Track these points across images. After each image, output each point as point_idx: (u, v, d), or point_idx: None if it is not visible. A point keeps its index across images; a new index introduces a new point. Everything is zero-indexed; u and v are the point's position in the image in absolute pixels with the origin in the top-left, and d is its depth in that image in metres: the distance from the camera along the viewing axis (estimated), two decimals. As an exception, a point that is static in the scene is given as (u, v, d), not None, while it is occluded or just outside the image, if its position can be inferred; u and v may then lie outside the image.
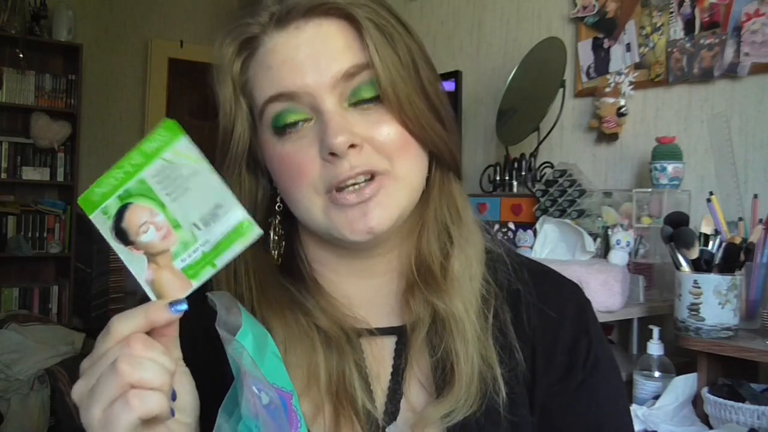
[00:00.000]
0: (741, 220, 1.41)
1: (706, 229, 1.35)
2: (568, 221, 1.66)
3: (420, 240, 0.65)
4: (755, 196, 1.50)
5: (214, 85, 0.63)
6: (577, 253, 1.58)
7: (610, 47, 2.04)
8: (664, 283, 1.65)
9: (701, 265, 1.32)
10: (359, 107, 0.59)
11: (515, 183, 2.12)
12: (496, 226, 1.82)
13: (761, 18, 1.67)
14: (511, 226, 1.80)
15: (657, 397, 1.33)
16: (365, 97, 0.58)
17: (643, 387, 1.37)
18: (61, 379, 2.77)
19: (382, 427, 0.61)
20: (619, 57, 2.01)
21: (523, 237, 1.68)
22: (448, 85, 2.27)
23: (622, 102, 1.96)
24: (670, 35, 1.87)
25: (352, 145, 0.57)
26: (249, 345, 0.47)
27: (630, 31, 1.98)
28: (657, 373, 1.36)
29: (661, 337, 1.38)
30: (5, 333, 2.88)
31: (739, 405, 1.21)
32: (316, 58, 0.58)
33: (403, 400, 0.62)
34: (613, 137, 2.02)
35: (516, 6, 2.38)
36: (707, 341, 1.30)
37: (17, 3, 3.79)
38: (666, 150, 1.70)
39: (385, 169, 0.59)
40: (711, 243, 1.33)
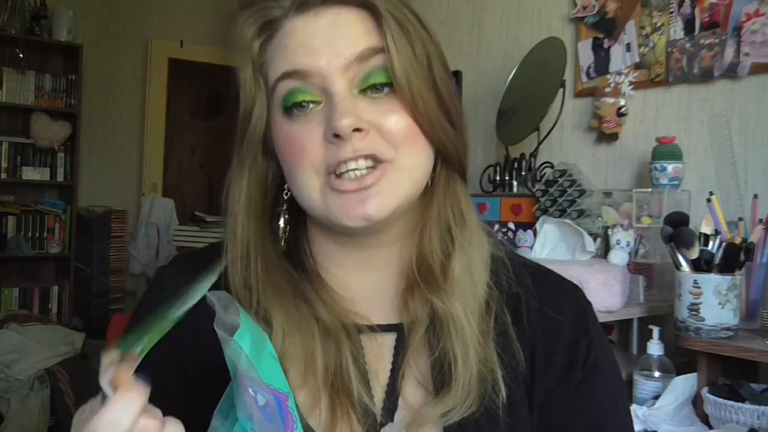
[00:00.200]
0: (741, 220, 1.41)
1: (706, 229, 1.35)
2: (568, 221, 1.66)
3: (422, 239, 0.65)
4: (755, 196, 1.50)
5: (236, 68, 0.64)
6: (577, 253, 1.58)
7: (610, 47, 2.04)
8: (664, 283, 1.65)
9: (701, 265, 1.32)
10: (369, 95, 0.59)
11: (515, 183, 2.12)
12: (496, 226, 1.82)
13: (761, 18, 1.67)
14: (511, 226, 1.80)
15: (657, 397, 1.33)
16: (377, 82, 0.59)
17: (643, 387, 1.37)
18: (61, 379, 2.76)
19: (380, 423, 0.61)
20: (619, 57, 2.01)
21: (523, 237, 1.68)
22: (448, 85, 2.27)
23: (622, 102, 1.97)
24: (670, 35, 1.87)
25: (358, 129, 0.57)
26: (246, 345, 0.47)
27: (630, 31, 1.98)
28: (657, 373, 1.36)
29: (661, 337, 1.38)
30: (5, 333, 2.88)
31: (739, 405, 1.21)
32: (331, 42, 0.58)
33: (401, 398, 0.62)
34: (613, 137, 2.02)
35: (516, 6, 2.38)
36: (707, 341, 1.30)
37: (17, 3, 3.79)
38: (666, 150, 1.70)
39: (390, 156, 0.59)
40: (711, 243, 1.33)
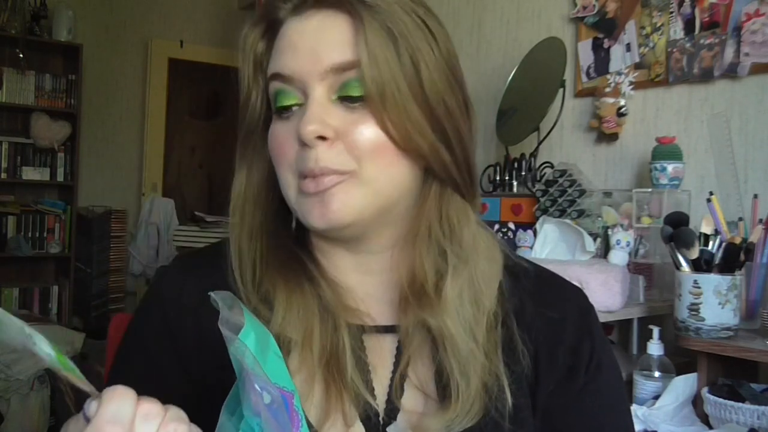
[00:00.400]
0: (741, 220, 1.41)
1: (706, 229, 1.34)
2: (568, 221, 1.66)
3: (413, 255, 0.63)
4: (755, 196, 1.50)
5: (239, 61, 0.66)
6: (577, 253, 1.58)
7: (610, 47, 2.04)
8: (664, 283, 1.65)
9: (701, 265, 1.32)
10: (345, 103, 0.59)
11: (515, 183, 2.12)
12: (496, 226, 1.82)
13: (761, 18, 1.67)
14: (511, 226, 1.80)
15: (657, 397, 1.33)
16: (352, 94, 0.58)
17: (643, 387, 1.37)
18: (61, 379, 2.76)
19: (382, 422, 0.61)
20: (619, 57, 2.01)
21: (523, 237, 1.68)
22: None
23: (622, 102, 1.96)
24: (670, 35, 1.87)
25: (323, 138, 0.57)
26: (251, 344, 0.47)
27: (630, 31, 1.98)
28: (657, 373, 1.36)
29: (661, 337, 1.38)
30: (5, 333, 2.87)
31: (739, 405, 1.21)
32: (314, 47, 0.59)
33: (402, 401, 0.62)
34: (613, 137, 2.02)
35: (516, 6, 2.38)
36: (707, 341, 1.30)
37: (17, 3, 3.79)
38: (666, 150, 1.70)
39: (351, 169, 0.58)
40: (711, 243, 1.33)
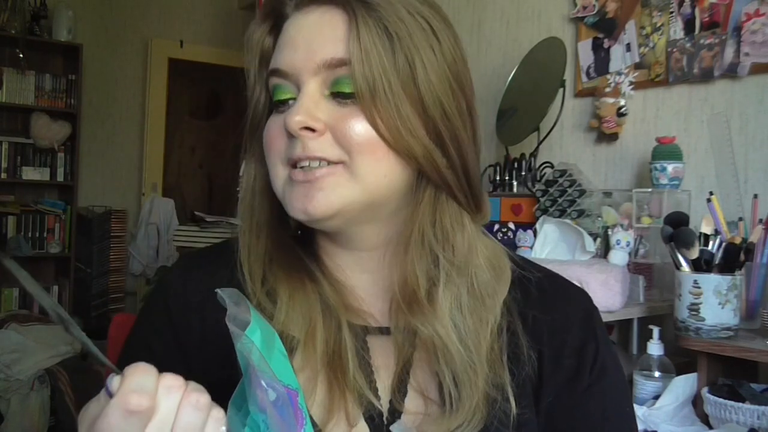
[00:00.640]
0: (741, 220, 1.41)
1: (706, 229, 1.35)
2: (568, 221, 1.66)
3: (405, 261, 0.63)
4: (755, 196, 1.50)
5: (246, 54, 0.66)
6: (577, 253, 1.58)
7: (610, 47, 2.04)
8: (664, 283, 1.65)
9: (701, 265, 1.32)
10: (337, 99, 0.59)
11: (515, 183, 2.12)
12: (496, 226, 1.82)
13: (761, 18, 1.67)
14: (511, 226, 1.80)
15: (657, 397, 1.33)
16: (344, 90, 0.58)
17: (643, 387, 1.37)
18: (61, 379, 2.76)
19: (386, 421, 0.61)
20: (619, 57, 2.01)
21: (523, 237, 1.68)
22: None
23: (622, 102, 1.96)
24: (670, 35, 1.87)
25: (310, 129, 0.58)
26: (257, 341, 0.47)
27: (630, 31, 1.98)
28: (657, 373, 1.36)
29: (661, 337, 1.38)
30: (5, 333, 2.87)
31: (739, 405, 1.21)
32: (309, 43, 0.59)
33: (404, 402, 0.62)
34: (613, 137, 2.02)
35: (516, 6, 2.38)
36: (707, 341, 1.30)
37: (17, 3, 3.79)
38: (666, 150, 1.70)
39: (340, 159, 0.58)
40: (711, 243, 1.33)
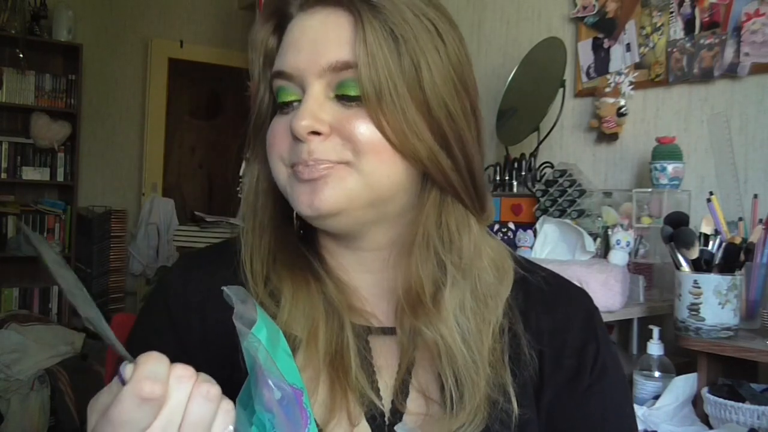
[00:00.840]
0: (741, 220, 1.41)
1: (706, 229, 1.35)
2: (568, 221, 1.66)
3: (410, 264, 0.62)
4: (755, 196, 1.50)
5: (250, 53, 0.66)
6: (577, 253, 1.58)
7: (610, 47, 2.04)
8: (664, 283, 1.65)
9: (701, 265, 1.32)
10: (342, 101, 0.59)
11: (515, 183, 2.12)
12: (496, 226, 1.82)
13: (761, 18, 1.67)
14: (511, 226, 1.79)
15: (657, 397, 1.33)
16: (349, 93, 0.58)
17: (643, 387, 1.37)
18: (61, 379, 2.77)
19: (388, 422, 0.61)
20: (619, 57, 2.01)
21: (523, 237, 1.68)
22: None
23: (622, 102, 1.96)
24: (670, 35, 1.87)
25: (316, 132, 0.58)
26: (264, 339, 0.47)
27: (630, 31, 1.98)
28: (657, 373, 1.36)
29: (661, 337, 1.38)
30: (5, 333, 2.87)
31: (739, 405, 1.21)
32: (314, 45, 0.59)
33: (407, 402, 0.62)
34: (613, 137, 2.02)
35: (516, 6, 2.38)
36: (707, 341, 1.30)
37: (17, 3, 3.79)
38: (666, 150, 1.70)
39: (347, 159, 0.58)
40: (711, 243, 1.33)
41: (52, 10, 3.97)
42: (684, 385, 1.31)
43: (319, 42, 0.59)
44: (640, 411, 1.29)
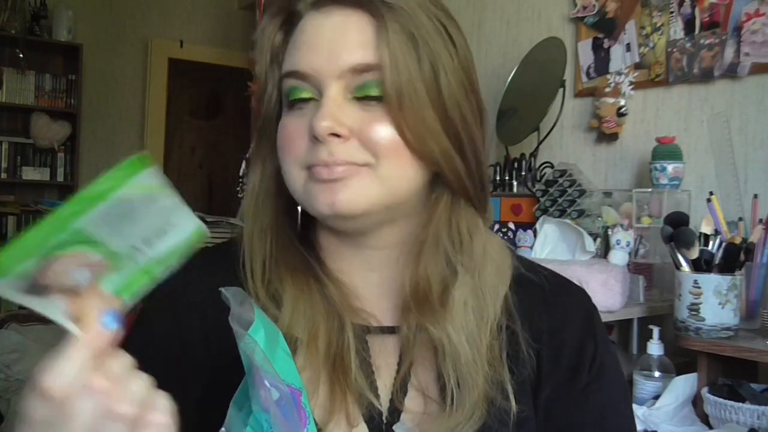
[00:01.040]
0: (741, 220, 1.41)
1: (706, 229, 1.35)
2: (568, 221, 1.66)
3: (418, 262, 0.63)
4: (755, 196, 1.50)
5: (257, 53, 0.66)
6: (577, 253, 1.58)
7: (610, 47, 2.04)
8: (664, 283, 1.65)
9: (701, 265, 1.32)
10: (362, 102, 0.59)
11: (515, 183, 2.12)
12: (496, 227, 1.82)
13: (761, 18, 1.67)
14: (511, 226, 1.80)
15: (657, 397, 1.33)
16: (370, 94, 0.58)
17: (643, 387, 1.37)
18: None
19: (386, 421, 0.61)
20: (619, 57, 2.01)
21: (523, 237, 1.68)
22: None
23: (622, 102, 1.96)
24: (670, 35, 1.87)
25: (337, 135, 0.57)
26: (261, 340, 0.47)
27: (630, 31, 1.98)
28: (657, 373, 1.36)
29: (661, 337, 1.38)
30: (5, 333, 2.87)
31: (739, 405, 1.21)
32: (333, 45, 0.58)
33: (405, 401, 0.62)
34: (613, 137, 2.02)
35: (516, 6, 2.38)
36: (707, 341, 1.30)
37: (17, 3, 3.79)
38: (666, 150, 1.70)
39: (366, 161, 0.58)
40: (711, 243, 1.33)
41: (52, 10, 3.97)
42: (684, 385, 1.31)
43: (338, 43, 0.58)
44: (640, 411, 1.29)
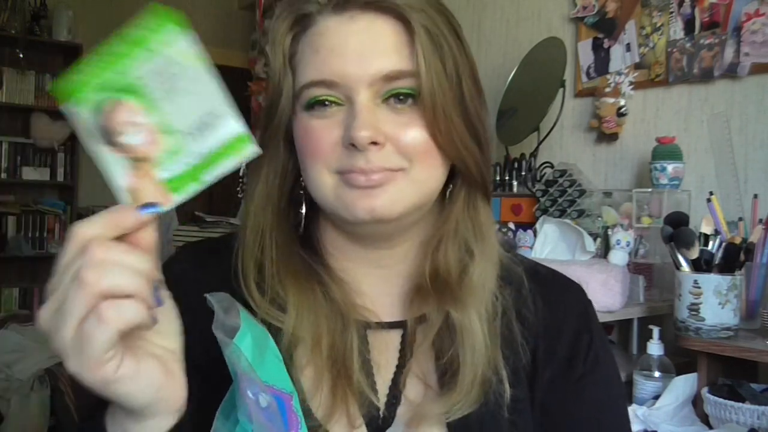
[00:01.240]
0: (741, 220, 1.41)
1: (706, 229, 1.35)
2: (568, 221, 1.66)
3: (437, 251, 0.65)
4: (755, 196, 1.50)
5: (268, 55, 0.66)
6: (577, 253, 1.58)
7: (610, 47, 2.04)
8: (664, 283, 1.65)
9: (701, 265, 1.32)
10: (392, 104, 0.59)
11: (515, 183, 2.12)
12: (497, 227, 1.82)
13: (761, 18, 1.67)
14: (511, 226, 1.79)
15: (657, 397, 1.33)
16: (402, 93, 0.59)
17: (643, 387, 1.37)
18: (61, 379, 2.76)
19: (382, 417, 0.62)
20: (619, 57, 2.01)
21: (523, 237, 1.68)
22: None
23: (622, 102, 1.96)
24: (670, 35, 1.87)
25: (375, 143, 0.58)
26: (248, 347, 0.47)
27: (630, 31, 1.98)
28: (657, 373, 1.36)
29: (661, 337, 1.38)
30: (5, 333, 2.88)
31: (739, 405, 1.21)
32: (362, 52, 0.58)
33: (403, 394, 0.63)
34: (613, 137, 2.02)
35: (516, 6, 2.38)
36: (707, 341, 1.30)
37: (17, 3, 3.79)
38: (666, 150, 1.70)
39: (401, 166, 0.59)
40: (711, 243, 1.33)
41: (52, 10, 3.97)
42: (684, 385, 1.31)
43: (367, 50, 0.58)
44: (640, 411, 1.29)
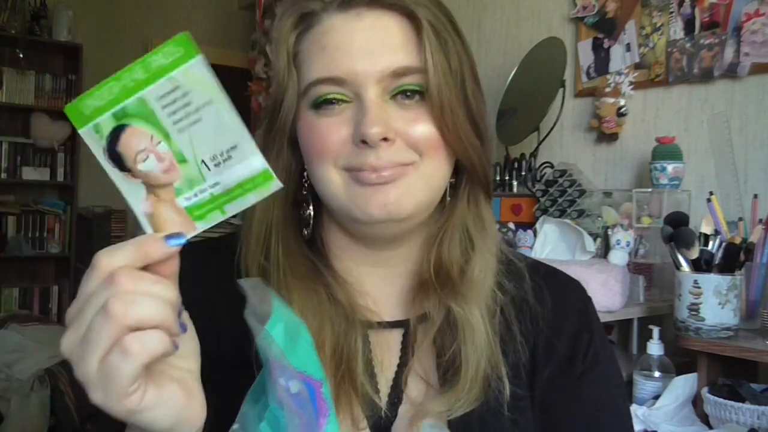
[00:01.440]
0: (741, 220, 1.41)
1: (706, 229, 1.35)
2: (568, 221, 1.66)
3: (441, 246, 0.65)
4: (755, 196, 1.50)
5: (272, 55, 0.66)
6: (577, 253, 1.58)
7: (610, 47, 2.04)
8: (664, 283, 1.65)
9: (701, 265, 1.32)
10: (399, 100, 0.60)
11: (515, 183, 2.12)
12: (497, 227, 1.82)
13: (761, 18, 1.67)
14: (511, 226, 1.79)
15: (657, 397, 1.33)
16: (409, 90, 0.59)
17: (643, 387, 1.37)
18: (61, 379, 2.76)
19: (384, 417, 0.62)
20: (619, 57, 2.01)
21: (523, 237, 1.68)
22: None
23: (622, 102, 1.97)
24: (670, 35, 1.87)
25: (385, 139, 0.58)
26: (279, 334, 0.47)
27: (630, 31, 1.98)
28: (657, 373, 1.36)
29: (661, 337, 1.38)
30: (5, 333, 2.88)
31: (739, 405, 1.21)
32: (370, 49, 0.58)
33: (404, 393, 0.64)
34: (613, 137, 2.02)
35: (516, 6, 2.38)
36: (707, 341, 1.30)
37: (17, 3, 3.79)
38: (666, 150, 1.70)
39: (412, 160, 0.60)
40: (711, 243, 1.33)
41: (52, 10, 3.97)
42: (684, 385, 1.31)
43: (375, 46, 0.59)
44: (640, 411, 1.29)
